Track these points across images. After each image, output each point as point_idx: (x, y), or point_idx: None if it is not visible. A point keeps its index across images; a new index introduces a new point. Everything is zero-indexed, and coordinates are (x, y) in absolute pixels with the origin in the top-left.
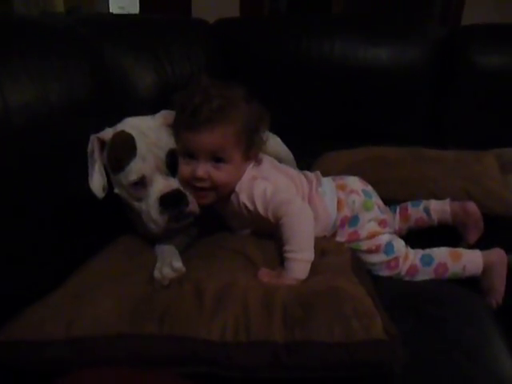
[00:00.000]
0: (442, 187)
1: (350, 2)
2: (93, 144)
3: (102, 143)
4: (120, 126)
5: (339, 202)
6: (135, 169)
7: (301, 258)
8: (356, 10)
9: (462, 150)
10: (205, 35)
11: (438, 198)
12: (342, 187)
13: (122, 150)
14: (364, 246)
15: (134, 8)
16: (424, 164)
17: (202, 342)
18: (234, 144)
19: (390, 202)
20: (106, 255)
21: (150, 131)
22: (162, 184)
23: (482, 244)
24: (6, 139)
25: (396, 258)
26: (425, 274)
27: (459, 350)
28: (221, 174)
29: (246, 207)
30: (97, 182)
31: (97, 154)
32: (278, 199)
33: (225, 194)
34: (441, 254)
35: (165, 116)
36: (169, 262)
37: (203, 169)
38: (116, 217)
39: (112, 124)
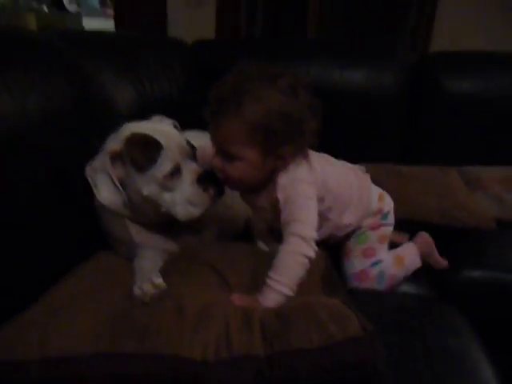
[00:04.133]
0: (418, 205)
1: (323, 28)
2: (105, 160)
3: (114, 156)
4: (124, 132)
5: (380, 195)
6: (167, 159)
7: (280, 291)
8: (330, 34)
9: (428, 166)
10: (182, 55)
11: (414, 215)
12: None
13: (147, 147)
14: (370, 240)
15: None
16: (400, 180)
17: (184, 360)
18: (243, 141)
19: None
20: (82, 272)
21: (158, 127)
22: (193, 167)
23: (457, 258)
24: None
25: (374, 272)
26: (381, 288)
27: (440, 359)
28: (233, 169)
29: (276, 204)
30: (111, 195)
31: (111, 169)
32: (295, 213)
33: (249, 187)
34: (388, 264)
35: (159, 118)
36: (149, 278)
37: (216, 160)
38: (93, 234)
39: (92, 136)
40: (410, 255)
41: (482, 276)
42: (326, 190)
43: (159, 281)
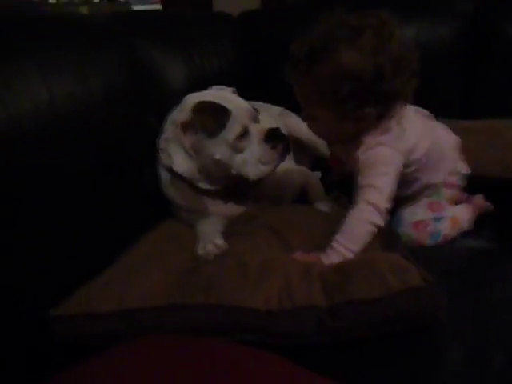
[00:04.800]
0: (479, 159)
1: None
2: (176, 130)
3: (184, 125)
4: (189, 102)
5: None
6: (236, 122)
7: (344, 254)
8: None
9: (491, 119)
10: (230, 28)
11: (476, 170)
12: None
13: (215, 112)
14: (442, 197)
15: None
16: (461, 135)
17: (248, 310)
18: (315, 103)
19: None
20: (149, 238)
21: (220, 94)
22: (260, 127)
23: None
24: (51, 128)
25: (432, 227)
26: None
27: (505, 310)
28: (313, 126)
29: (356, 162)
30: (185, 163)
31: (183, 137)
32: (372, 177)
33: (337, 141)
34: (446, 224)
35: (219, 87)
36: (211, 240)
37: (302, 115)
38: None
39: (148, 113)
40: (465, 217)
41: None
42: (416, 153)
43: (221, 242)
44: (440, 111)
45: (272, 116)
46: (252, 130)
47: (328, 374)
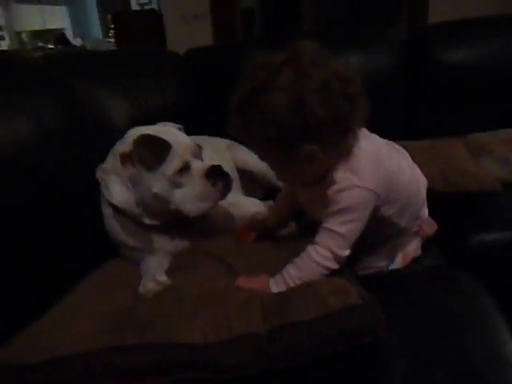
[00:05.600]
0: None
1: (320, 16)
2: (115, 161)
3: (123, 157)
4: (132, 135)
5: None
6: (176, 156)
7: (291, 284)
8: (326, 22)
9: (432, 139)
10: (176, 65)
11: None
12: None
13: (156, 146)
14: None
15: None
16: None
17: (184, 346)
18: (260, 150)
19: None
20: (91, 279)
21: (164, 129)
22: (201, 164)
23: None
24: None
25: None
26: None
27: (451, 325)
28: (276, 175)
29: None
30: (123, 195)
31: (121, 168)
32: (339, 224)
33: (300, 185)
34: (397, 263)
35: (164, 124)
36: (153, 276)
37: None
38: (102, 244)
39: (88, 150)
40: (415, 248)
41: (493, 239)
42: (390, 191)
43: (163, 278)
44: (385, 135)
45: (218, 149)
46: (193, 166)
47: None
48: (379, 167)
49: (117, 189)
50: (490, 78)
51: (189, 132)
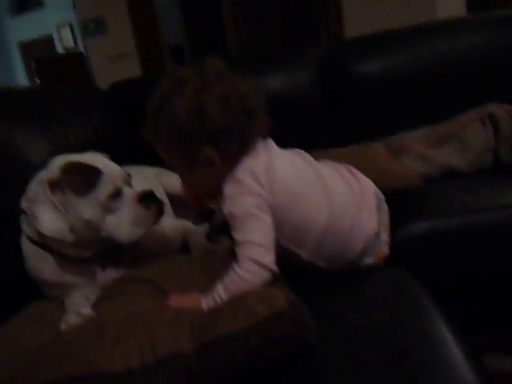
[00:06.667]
0: None
1: (245, 43)
2: (42, 189)
3: (51, 184)
4: (57, 162)
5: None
6: (108, 181)
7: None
8: (251, 49)
9: (352, 145)
10: (98, 100)
11: None
12: None
13: (85, 172)
14: None
15: None
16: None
17: (105, 375)
18: (164, 153)
19: None
20: (10, 322)
21: (92, 157)
22: (132, 190)
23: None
24: None
25: None
26: None
27: (384, 322)
28: (182, 181)
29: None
30: (54, 223)
31: (51, 195)
32: (245, 232)
33: (206, 195)
34: None
35: (91, 153)
36: (76, 310)
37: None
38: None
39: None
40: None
41: (420, 228)
42: (283, 205)
43: (87, 311)
44: (310, 147)
45: (147, 178)
46: (125, 192)
47: None
48: (269, 177)
49: (47, 217)
50: (403, 85)
51: (116, 162)
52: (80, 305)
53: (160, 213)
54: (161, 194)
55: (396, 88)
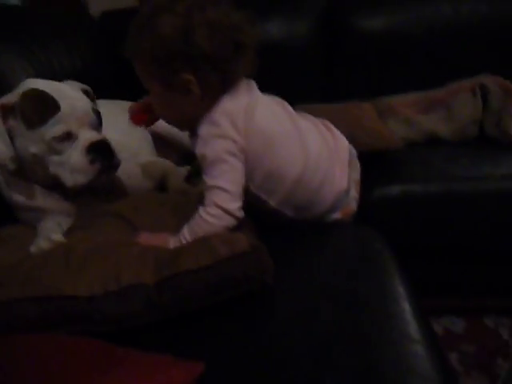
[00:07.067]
0: None
1: None
2: None
3: (5, 109)
4: (24, 87)
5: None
6: (61, 122)
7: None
8: None
9: (342, 102)
10: (87, 28)
11: None
12: None
13: (42, 104)
14: None
15: None
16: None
17: (66, 298)
18: (144, 74)
19: None
20: None
21: (63, 88)
22: (88, 135)
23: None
24: None
25: None
26: None
27: (342, 267)
28: (155, 107)
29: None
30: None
31: (1, 123)
32: (215, 178)
33: (181, 127)
34: None
35: (70, 82)
36: (47, 235)
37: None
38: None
39: None
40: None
41: (395, 190)
42: (257, 150)
43: (58, 236)
44: (301, 99)
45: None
46: (79, 136)
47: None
48: (247, 121)
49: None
50: (403, 46)
51: (99, 96)
52: (52, 231)
53: (108, 168)
54: (141, 131)
55: (395, 48)
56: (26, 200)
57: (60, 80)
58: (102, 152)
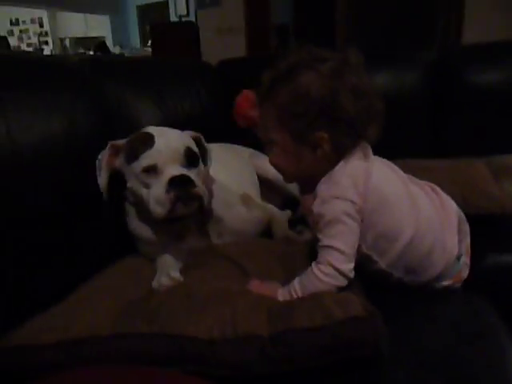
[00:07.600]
0: None
1: (353, 30)
2: (107, 150)
3: (116, 149)
4: (142, 130)
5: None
6: (148, 156)
7: (296, 296)
8: (358, 38)
9: (453, 159)
10: (207, 75)
11: None
12: None
13: (140, 143)
14: None
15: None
16: (424, 173)
17: (189, 339)
18: (273, 124)
19: None
20: (108, 272)
21: (172, 133)
22: (173, 170)
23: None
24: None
25: None
26: None
27: (454, 341)
28: (272, 157)
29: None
30: (101, 183)
31: (105, 160)
32: (330, 238)
33: (298, 181)
34: None
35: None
36: (166, 272)
37: (266, 149)
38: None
39: None
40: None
41: (509, 260)
42: (373, 209)
43: (176, 274)
44: (408, 154)
45: (241, 157)
46: (164, 172)
47: None
48: (365, 181)
49: (103, 176)
50: None
51: (214, 140)
52: (170, 267)
53: (186, 201)
54: (250, 175)
55: (509, 104)
56: (145, 233)
57: (181, 125)
58: (180, 182)
